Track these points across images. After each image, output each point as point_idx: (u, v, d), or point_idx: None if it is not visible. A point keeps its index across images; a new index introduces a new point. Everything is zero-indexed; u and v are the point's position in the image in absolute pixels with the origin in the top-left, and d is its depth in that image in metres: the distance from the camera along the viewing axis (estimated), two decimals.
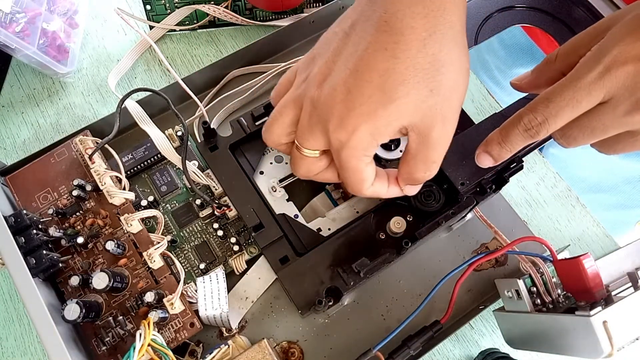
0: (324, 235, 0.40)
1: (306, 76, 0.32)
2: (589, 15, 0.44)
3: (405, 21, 0.28)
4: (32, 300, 0.32)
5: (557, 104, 0.28)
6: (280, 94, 0.34)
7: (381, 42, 0.28)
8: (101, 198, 0.39)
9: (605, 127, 0.28)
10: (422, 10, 0.28)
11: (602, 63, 0.27)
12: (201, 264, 0.40)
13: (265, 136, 0.34)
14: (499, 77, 0.64)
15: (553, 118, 0.29)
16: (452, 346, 0.41)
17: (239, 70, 0.48)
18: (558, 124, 0.29)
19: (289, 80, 0.34)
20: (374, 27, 0.28)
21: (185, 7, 0.49)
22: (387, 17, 0.28)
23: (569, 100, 0.28)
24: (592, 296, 0.33)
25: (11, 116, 0.49)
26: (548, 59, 0.33)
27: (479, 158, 0.33)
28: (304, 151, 0.32)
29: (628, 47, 0.26)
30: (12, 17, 0.44)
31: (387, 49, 0.28)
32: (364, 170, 0.31)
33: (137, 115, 0.44)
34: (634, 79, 0.26)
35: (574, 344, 0.32)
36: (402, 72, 0.28)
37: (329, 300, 0.36)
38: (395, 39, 0.28)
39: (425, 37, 0.28)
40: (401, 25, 0.28)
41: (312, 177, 0.34)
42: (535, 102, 0.29)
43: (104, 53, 0.52)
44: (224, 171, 0.40)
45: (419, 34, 0.28)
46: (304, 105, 0.31)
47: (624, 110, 0.27)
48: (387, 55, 0.28)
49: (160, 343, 0.33)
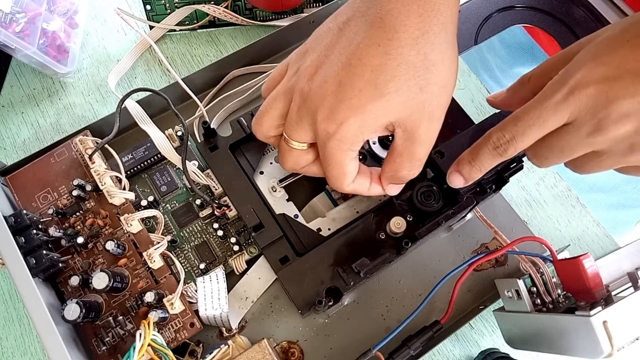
0: (324, 235, 0.40)
1: (297, 69, 0.32)
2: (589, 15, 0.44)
3: (399, 19, 0.28)
4: (32, 300, 0.32)
5: (525, 122, 0.29)
6: (270, 87, 0.34)
7: (375, 38, 0.29)
8: (101, 198, 0.39)
9: (571, 147, 0.29)
10: (417, 10, 0.28)
11: (567, 85, 0.28)
12: (201, 264, 0.40)
13: (254, 128, 0.34)
14: (500, 76, 0.64)
15: (520, 136, 0.29)
16: (452, 346, 0.41)
17: (239, 70, 0.48)
18: (525, 142, 0.30)
19: (280, 74, 0.34)
20: (368, 23, 0.29)
21: (185, 7, 0.49)
22: (382, 14, 0.29)
23: (536, 120, 0.29)
24: (592, 296, 0.33)
25: (11, 116, 0.49)
26: (522, 80, 0.34)
27: (450, 178, 0.34)
28: (291, 143, 0.32)
29: (591, 71, 0.27)
30: (12, 17, 0.44)
31: (380, 45, 0.28)
32: (348, 164, 0.32)
33: (137, 115, 0.44)
34: (595, 101, 0.27)
35: (574, 344, 0.32)
36: (393, 69, 0.28)
37: (329, 300, 0.36)
38: (389, 35, 0.28)
39: (418, 35, 0.28)
40: (395, 22, 0.28)
41: (299, 170, 0.35)
42: (505, 121, 0.30)
43: (104, 53, 0.52)
44: (224, 171, 0.40)
45: (412, 32, 0.28)
46: (293, 97, 0.31)
47: (587, 131, 0.28)
48: (380, 51, 0.28)
49: (160, 343, 0.33)
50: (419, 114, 0.30)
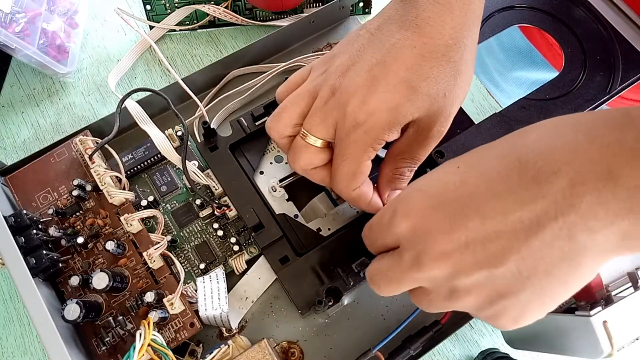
0: (324, 235, 0.40)
1: (324, 70, 0.33)
2: (589, 15, 0.44)
3: (435, 28, 0.30)
4: (32, 300, 0.32)
5: (367, 237, 0.31)
6: (289, 89, 0.34)
7: (410, 40, 0.30)
8: (101, 198, 0.39)
9: (397, 278, 0.27)
10: (450, 22, 0.30)
11: (393, 209, 0.28)
12: (201, 264, 0.40)
13: (270, 126, 0.34)
14: (499, 79, 0.64)
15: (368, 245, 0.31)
16: (452, 346, 0.41)
17: (239, 70, 0.48)
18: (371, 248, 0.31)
19: (301, 77, 0.34)
20: (403, 27, 0.30)
21: (185, 7, 0.49)
22: (417, 21, 0.30)
23: (368, 234, 0.30)
24: (592, 296, 0.33)
25: (11, 116, 0.49)
26: None
27: None
28: (309, 138, 0.32)
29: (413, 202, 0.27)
30: (12, 17, 0.44)
31: (415, 46, 0.30)
32: (363, 163, 0.32)
33: (137, 115, 0.44)
34: (414, 233, 0.26)
35: (574, 344, 0.32)
36: (427, 71, 0.30)
37: (329, 300, 0.36)
38: (424, 40, 0.30)
39: (451, 44, 0.30)
40: (431, 30, 0.30)
41: (309, 172, 0.34)
42: None
43: (104, 53, 0.52)
44: (224, 171, 0.40)
45: (445, 40, 0.30)
46: (320, 94, 0.32)
47: (408, 263, 0.26)
48: (415, 53, 0.30)
49: (160, 343, 0.33)
50: (436, 115, 0.31)
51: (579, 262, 0.23)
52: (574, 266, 0.23)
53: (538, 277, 0.24)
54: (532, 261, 0.23)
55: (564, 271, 0.23)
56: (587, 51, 0.43)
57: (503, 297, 0.25)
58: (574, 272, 0.23)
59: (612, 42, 0.43)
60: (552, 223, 0.22)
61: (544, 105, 0.40)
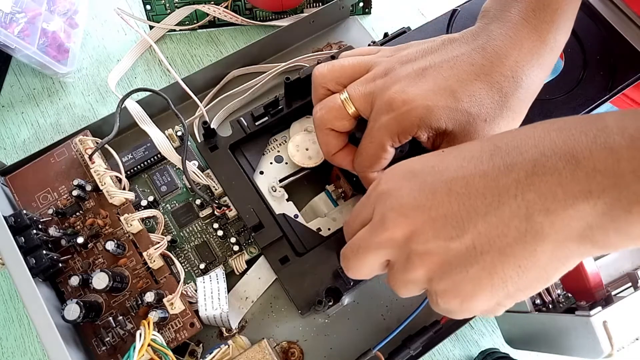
0: (324, 235, 0.40)
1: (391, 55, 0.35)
2: (589, 15, 0.44)
3: (498, 56, 0.31)
4: (32, 300, 0.32)
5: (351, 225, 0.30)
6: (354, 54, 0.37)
7: (471, 58, 0.31)
8: (101, 198, 0.39)
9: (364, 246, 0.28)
10: (515, 56, 0.31)
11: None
12: (201, 264, 0.40)
13: (320, 70, 0.35)
14: None
15: None
16: (452, 346, 0.41)
17: (239, 70, 0.48)
18: None
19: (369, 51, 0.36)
20: (470, 46, 0.32)
21: (185, 7, 0.49)
22: (485, 45, 0.32)
23: None
24: (592, 296, 0.33)
25: (11, 116, 0.49)
26: None
27: None
28: (346, 102, 0.33)
29: None
30: (12, 17, 0.44)
31: (473, 65, 0.31)
32: (387, 150, 0.33)
33: (137, 115, 0.44)
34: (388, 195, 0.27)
35: (574, 344, 0.32)
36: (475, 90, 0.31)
37: (329, 300, 0.36)
38: (484, 62, 0.31)
39: (508, 76, 0.31)
40: (493, 56, 0.31)
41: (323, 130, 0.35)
42: None
43: (104, 53, 0.52)
44: (224, 171, 0.40)
45: (504, 70, 0.31)
46: (375, 70, 0.33)
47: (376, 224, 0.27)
48: (471, 70, 0.31)
49: (160, 343, 0.33)
50: (470, 137, 0.31)
51: (535, 247, 0.23)
52: (530, 250, 0.23)
53: (491, 254, 0.24)
54: (487, 237, 0.24)
55: (517, 253, 0.24)
56: (587, 51, 0.43)
57: (453, 270, 0.25)
58: (529, 257, 0.24)
59: (612, 42, 0.43)
60: (511, 200, 0.23)
61: (544, 105, 0.40)
